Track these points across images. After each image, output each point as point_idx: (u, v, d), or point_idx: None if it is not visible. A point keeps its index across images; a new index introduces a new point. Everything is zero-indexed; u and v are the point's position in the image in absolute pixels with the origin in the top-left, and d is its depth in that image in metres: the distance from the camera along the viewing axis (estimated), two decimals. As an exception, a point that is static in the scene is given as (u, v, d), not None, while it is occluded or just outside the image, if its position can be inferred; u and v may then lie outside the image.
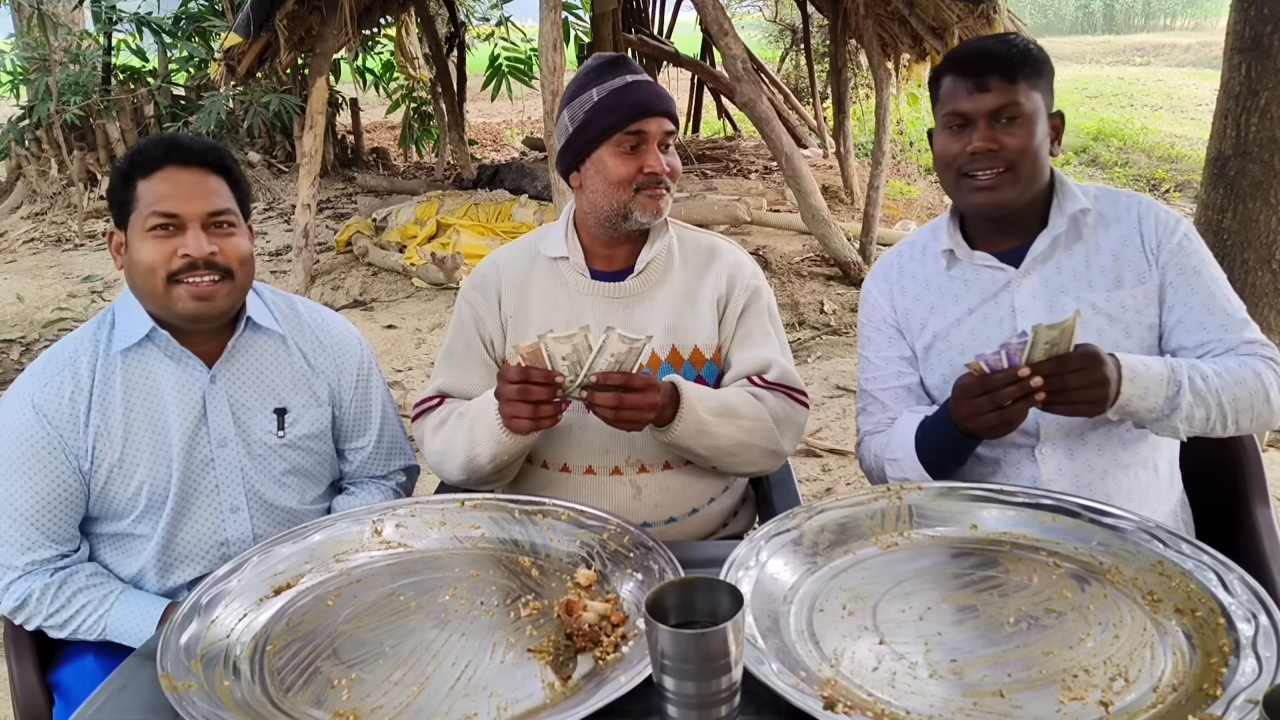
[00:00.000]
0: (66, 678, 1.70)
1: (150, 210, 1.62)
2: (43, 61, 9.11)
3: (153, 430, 1.69)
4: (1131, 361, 1.57)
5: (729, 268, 1.95)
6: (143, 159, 1.64)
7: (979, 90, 1.68)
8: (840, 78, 9.01)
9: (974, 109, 1.68)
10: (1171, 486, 1.81)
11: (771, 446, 1.85)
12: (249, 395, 1.76)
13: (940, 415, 1.68)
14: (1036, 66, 1.69)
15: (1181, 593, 1.33)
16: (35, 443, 1.63)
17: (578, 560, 1.53)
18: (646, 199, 1.83)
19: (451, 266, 6.56)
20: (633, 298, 1.91)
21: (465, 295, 1.98)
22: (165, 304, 1.65)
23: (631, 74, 1.86)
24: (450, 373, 1.94)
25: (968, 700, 1.17)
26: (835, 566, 1.47)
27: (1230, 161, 3.81)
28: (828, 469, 4.05)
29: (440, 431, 1.86)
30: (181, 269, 1.62)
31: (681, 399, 1.74)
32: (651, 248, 1.92)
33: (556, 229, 1.96)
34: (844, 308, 6.03)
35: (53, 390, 1.65)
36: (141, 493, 1.68)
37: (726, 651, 1.06)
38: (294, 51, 6.75)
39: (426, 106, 10.98)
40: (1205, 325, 1.69)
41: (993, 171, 1.69)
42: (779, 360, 1.91)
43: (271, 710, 1.23)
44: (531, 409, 1.61)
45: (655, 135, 1.83)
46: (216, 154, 1.69)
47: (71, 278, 7.37)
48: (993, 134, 1.68)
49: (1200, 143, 10.38)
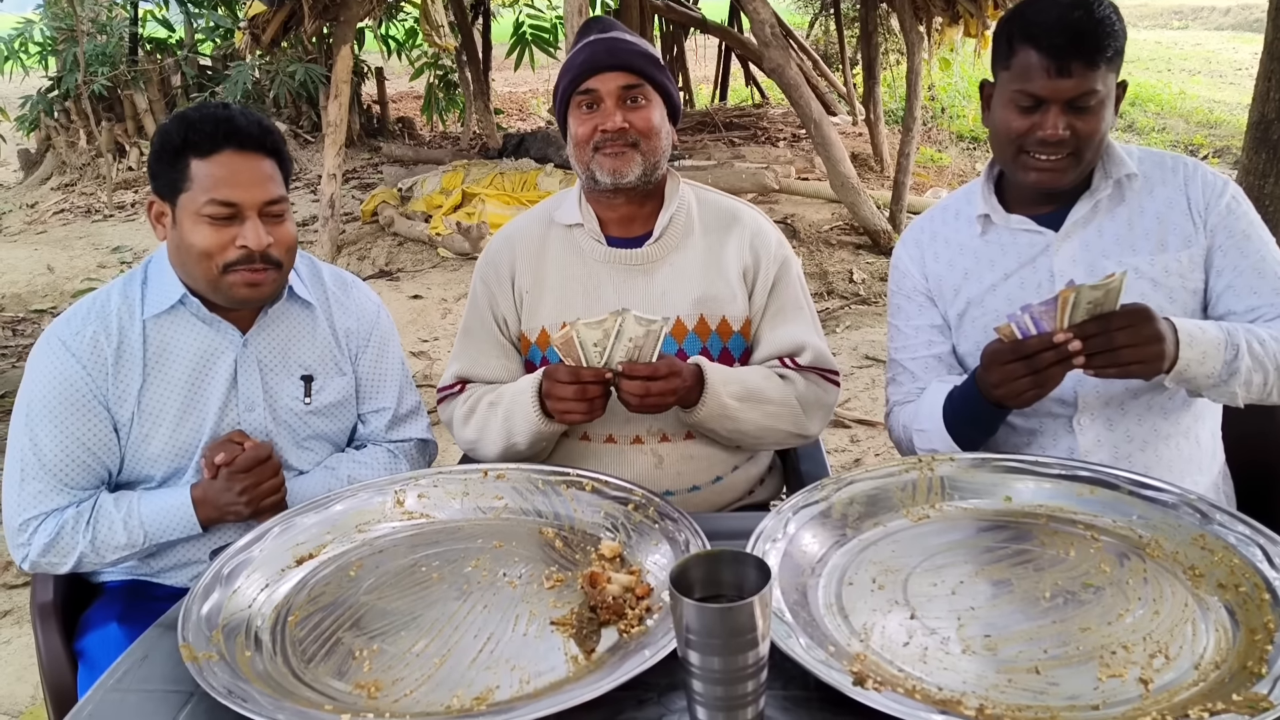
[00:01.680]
0: (91, 645, 1.70)
1: (209, 196, 1.60)
2: (70, 32, 9.14)
3: (177, 396, 1.69)
4: (1187, 325, 1.52)
5: (752, 234, 1.89)
6: (199, 137, 1.61)
7: (1060, 75, 1.56)
8: (870, 43, 8.86)
9: (1051, 94, 1.57)
10: (1214, 457, 1.76)
11: (797, 430, 1.84)
12: (277, 361, 1.77)
13: (969, 384, 1.64)
14: (1119, 43, 1.58)
15: (1224, 567, 1.29)
16: (66, 381, 1.64)
17: (602, 531, 1.51)
18: (604, 158, 1.78)
19: (477, 236, 6.54)
20: (652, 264, 1.87)
21: (480, 272, 1.95)
22: (215, 288, 1.66)
23: (598, 32, 1.82)
24: (468, 357, 1.93)
25: (1002, 677, 1.13)
26: (865, 539, 1.44)
27: (1273, 125, 3.71)
28: (856, 440, 4.01)
29: (471, 420, 1.85)
30: (238, 260, 1.63)
31: (706, 383, 1.73)
32: (668, 210, 1.87)
33: (570, 196, 1.92)
34: (873, 277, 5.96)
35: (82, 334, 1.66)
36: (163, 458, 1.69)
37: (753, 626, 1.03)
38: (318, 20, 6.71)
39: (451, 75, 10.92)
40: (1256, 290, 1.64)
41: (1058, 156, 1.61)
42: (812, 341, 1.87)
43: (293, 681, 1.22)
44: (588, 405, 1.64)
45: (611, 92, 1.77)
46: (272, 137, 1.67)
47: (101, 248, 7.43)
48: (1066, 120, 1.58)
49: (1239, 108, 10.18)
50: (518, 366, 1.93)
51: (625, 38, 1.83)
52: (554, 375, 1.66)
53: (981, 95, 1.74)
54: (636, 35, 1.89)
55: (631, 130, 1.78)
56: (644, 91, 1.80)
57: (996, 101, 1.68)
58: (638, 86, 1.79)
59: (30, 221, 8.52)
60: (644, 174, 1.80)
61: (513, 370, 1.91)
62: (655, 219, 1.88)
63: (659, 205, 1.88)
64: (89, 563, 1.67)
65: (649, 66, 1.80)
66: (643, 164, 1.80)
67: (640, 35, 2.24)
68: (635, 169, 1.79)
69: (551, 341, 1.61)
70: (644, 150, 1.79)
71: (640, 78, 1.79)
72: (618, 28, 1.87)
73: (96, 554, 1.66)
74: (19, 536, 1.66)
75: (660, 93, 1.82)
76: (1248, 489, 1.81)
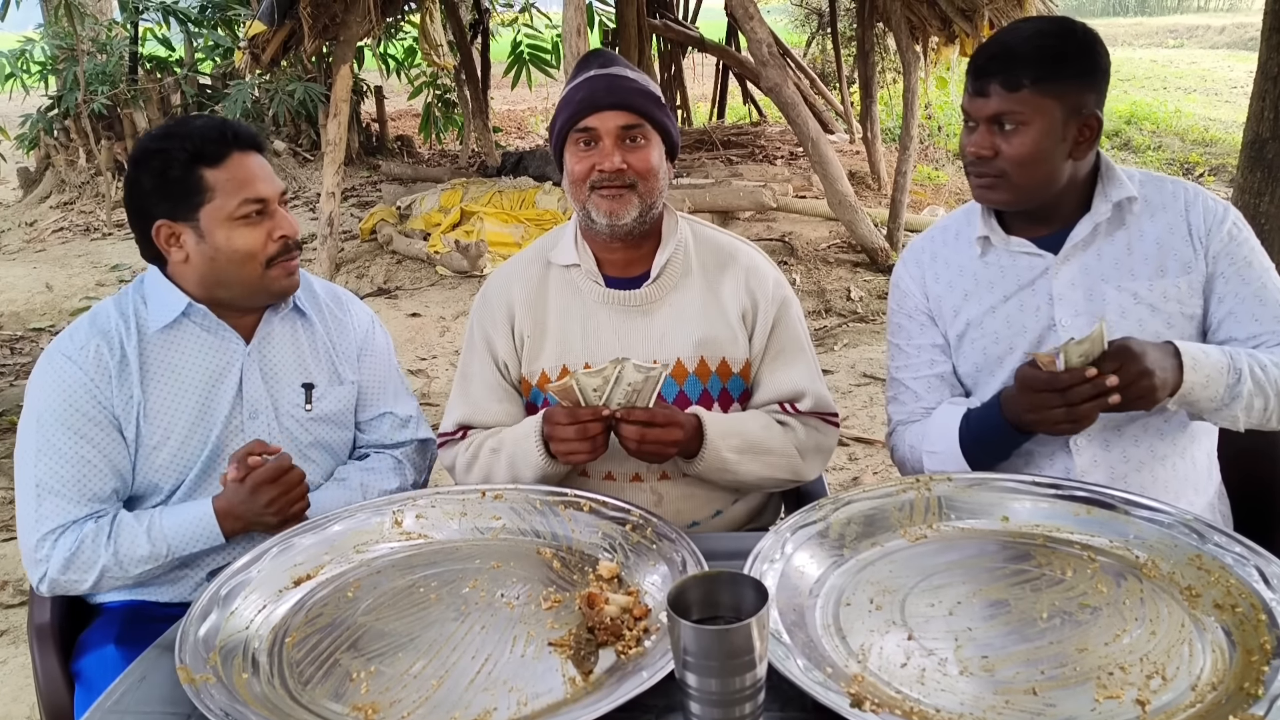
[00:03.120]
0: (88, 666, 1.69)
1: (240, 198, 1.65)
2: (70, 51, 9.18)
3: (183, 406, 1.70)
4: (1191, 349, 1.54)
5: (747, 274, 1.87)
6: (205, 147, 1.65)
7: (978, 94, 1.64)
8: (867, 61, 8.91)
9: (973, 111, 1.65)
10: (1210, 478, 1.76)
11: (795, 477, 1.85)
12: (281, 368, 1.80)
13: (990, 408, 1.64)
14: (1061, 70, 1.58)
15: (1221, 588, 1.29)
16: (73, 391, 1.65)
17: (599, 552, 1.51)
18: (600, 199, 1.76)
19: (476, 254, 6.55)
20: (651, 305, 1.84)
21: (477, 316, 1.93)
22: (261, 286, 1.70)
23: (599, 68, 1.80)
24: (469, 403, 1.91)
25: (999, 698, 1.13)
26: (862, 559, 1.44)
27: (1268, 144, 3.73)
28: (854, 458, 4.01)
29: (474, 467, 1.84)
30: (279, 252, 1.69)
31: (705, 438, 1.73)
32: (665, 250, 1.85)
33: (566, 235, 1.90)
34: (871, 294, 5.97)
35: (86, 349, 1.67)
36: (170, 468, 1.70)
37: (751, 647, 1.03)
38: (318, 39, 6.74)
39: (450, 94, 10.96)
40: (1258, 317, 1.65)
41: (987, 175, 1.66)
42: (812, 387, 1.86)
43: (290, 704, 1.22)
44: (590, 443, 1.63)
45: (610, 131, 1.74)
46: (257, 136, 1.74)
47: (100, 266, 7.44)
48: (989, 139, 1.63)
49: (1234, 126, 10.22)
50: (518, 410, 1.90)
51: (626, 74, 1.80)
52: (553, 418, 1.65)
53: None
54: (637, 70, 1.86)
55: (630, 171, 1.75)
56: (644, 131, 1.77)
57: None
58: (638, 126, 1.76)
59: (29, 240, 8.53)
60: (640, 215, 1.78)
61: (514, 414, 1.88)
62: (653, 258, 1.86)
63: (656, 244, 1.86)
64: (112, 578, 1.65)
65: (649, 105, 1.77)
66: (639, 205, 1.77)
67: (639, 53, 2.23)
68: (632, 211, 1.77)
69: (547, 389, 1.61)
70: (641, 192, 1.77)
71: (640, 117, 1.76)
72: (618, 62, 1.84)
73: (120, 567, 1.64)
74: (37, 553, 1.64)
75: (659, 131, 1.79)
76: (1244, 509, 1.81)
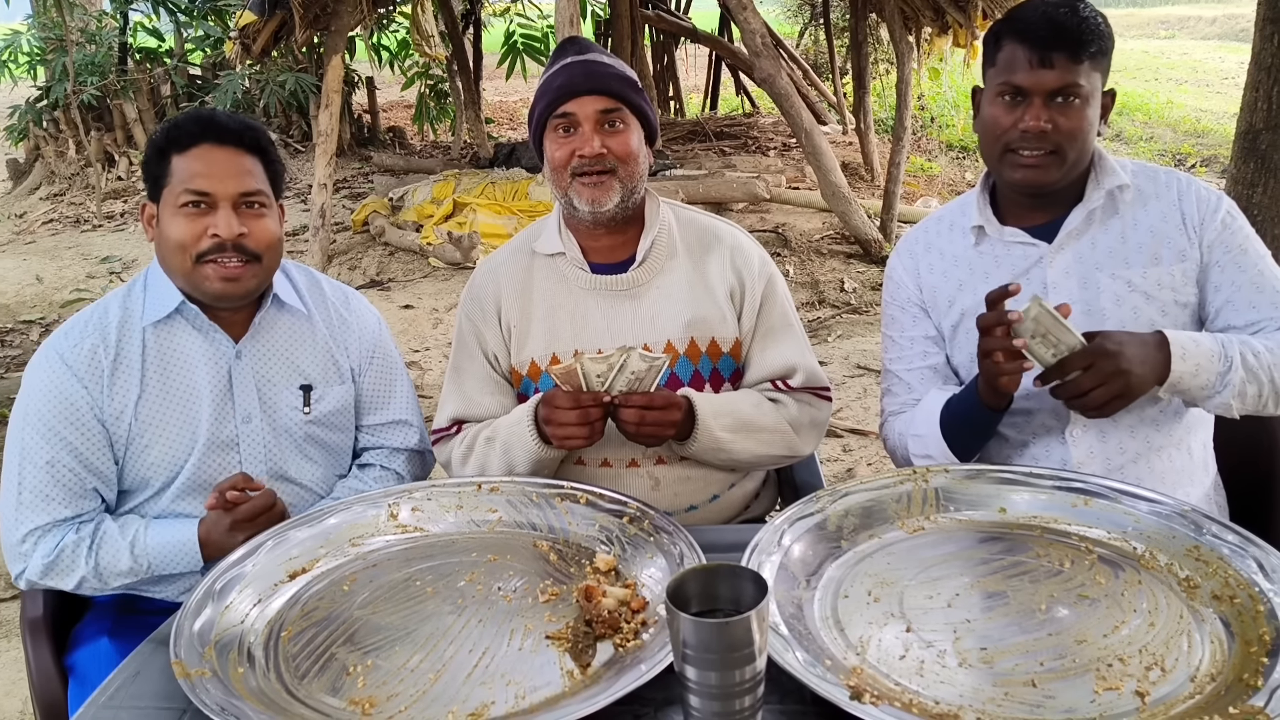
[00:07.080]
0: (82, 660, 1.69)
1: (183, 187, 1.63)
2: (59, 42, 9.13)
3: (175, 404, 1.69)
4: (1180, 338, 1.54)
5: (732, 253, 1.87)
6: (179, 134, 1.65)
7: (1042, 66, 1.59)
8: (860, 52, 8.89)
9: (1033, 85, 1.60)
10: (1206, 468, 1.76)
11: (790, 452, 1.85)
12: (275, 372, 1.77)
13: (969, 388, 1.66)
14: (1103, 43, 1.61)
15: (1219, 578, 1.29)
16: (62, 396, 1.64)
17: (596, 544, 1.50)
18: (582, 186, 1.76)
19: (468, 246, 6.54)
20: (638, 289, 1.85)
21: (465, 309, 1.93)
22: (192, 282, 1.66)
23: (576, 54, 1.80)
24: (462, 397, 1.91)
25: (998, 690, 1.13)
26: (860, 551, 1.43)
27: (1261, 135, 3.73)
28: (849, 449, 4.01)
29: (470, 459, 1.84)
30: (210, 250, 1.64)
31: (697, 420, 1.73)
32: (649, 234, 1.85)
33: (549, 224, 1.90)
34: (864, 286, 5.97)
35: (80, 347, 1.66)
36: (161, 466, 1.69)
37: (750, 640, 1.03)
38: (309, 29, 6.71)
39: (442, 85, 10.92)
40: (1255, 304, 1.65)
41: (1040, 152, 1.62)
42: (802, 362, 1.87)
43: (286, 698, 1.21)
44: (589, 429, 1.64)
45: (589, 116, 1.75)
46: (253, 133, 1.69)
47: (90, 258, 7.40)
48: (1048, 113, 1.60)
49: (1226, 117, 10.24)
50: (511, 401, 1.90)
51: (603, 60, 1.81)
52: (553, 402, 1.65)
53: (973, 101, 1.76)
54: (614, 56, 1.87)
55: (610, 155, 1.75)
56: (622, 115, 1.77)
57: (984, 101, 1.71)
58: (616, 110, 1.76)
59: (19, 231, 8.48)
60: (622, 201, 1.78)
61: (508, 406, 1.88)
62: (637, 243, 1.86)
63: (640, 229, 1.87)
64: (89, 588, 1.65)
65: (627, 90, 1.78)
66: (621, 190, 1.77)
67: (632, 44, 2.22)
68: (614, 197, 1.77)
69: (547, 370, 1.59)
70: (622, 176, 1.77)
71: (618, 101, 1.76)
72: (595, 49, 1.85)
73: (99, 579, 1.65)
74: (19, 548, 1.65)
75: (638, 115, 1.80)
76: (1241, 500, 1.81)
